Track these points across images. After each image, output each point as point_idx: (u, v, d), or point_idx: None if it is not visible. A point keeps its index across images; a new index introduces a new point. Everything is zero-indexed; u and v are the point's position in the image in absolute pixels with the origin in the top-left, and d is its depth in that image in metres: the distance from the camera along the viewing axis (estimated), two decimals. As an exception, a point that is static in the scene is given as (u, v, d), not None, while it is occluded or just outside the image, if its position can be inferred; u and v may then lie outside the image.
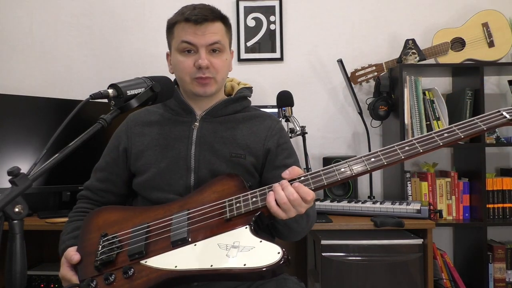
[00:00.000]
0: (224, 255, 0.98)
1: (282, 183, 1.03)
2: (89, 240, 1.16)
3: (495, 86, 2.54)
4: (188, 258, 1.02)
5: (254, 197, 1.06)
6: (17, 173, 0.81)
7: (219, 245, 1.01)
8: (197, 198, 1.15)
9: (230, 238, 1.02)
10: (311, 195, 1.02)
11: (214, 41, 1.24)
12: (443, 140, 1.00)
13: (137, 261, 1.05)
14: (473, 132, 1.00)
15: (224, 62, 1.28)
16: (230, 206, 1.07)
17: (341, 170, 1.04)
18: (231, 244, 1.00)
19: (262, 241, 0.99)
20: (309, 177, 1.04)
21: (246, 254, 0.97)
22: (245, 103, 1.37)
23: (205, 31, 1.22)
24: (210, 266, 0.98)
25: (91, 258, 1.11)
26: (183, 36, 1.23)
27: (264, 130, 1.31)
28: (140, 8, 2.57)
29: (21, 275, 0.81)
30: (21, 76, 2.57)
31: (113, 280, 1.04)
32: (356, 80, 2.42)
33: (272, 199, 1.02)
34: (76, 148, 0.92)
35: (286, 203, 1.01)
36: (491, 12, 2.37)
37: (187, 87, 1.28)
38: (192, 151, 1.26)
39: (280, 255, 0.94)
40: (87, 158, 1.78)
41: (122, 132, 1.35)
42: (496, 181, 2.27)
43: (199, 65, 1.23)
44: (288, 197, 1.01)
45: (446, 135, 1.01)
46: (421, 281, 1.80)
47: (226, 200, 1.09)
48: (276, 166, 1.29)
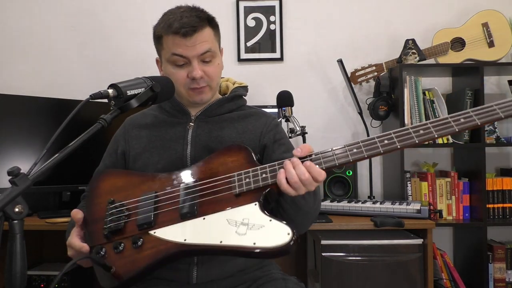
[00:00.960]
0: (234, 231, 0.98)
1: (293, 161, 1.01)
2: (96, 205, 1.16)
3: (495, 86, 2.54)
4: (197, 232, 1.02)
5: (264, 173, 1.04)
6: (17, 173, 0.81)
7: (228, 220, 1.00)
8: (205, 169, 1.13)
9: (239, 214, 1.01)
10: (322, 175, 1.00)
11: (205, 50, 1.23)
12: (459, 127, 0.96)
13: (146, 231, 1.06)
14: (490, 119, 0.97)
15: (217, 67, 1.28)
16: (239, 180, 1.06)
17: (353, 151, 1.01)
18: (240, 220, 0.99)
19: (272, 220, 0.98)
20: (321, 156, 1.02)
21: (256, 233, 0.96)
22: (240, 102, 1.37)
23: (195, 41, 1.21)
24: (220, 242, 0.98)
25: (99, 225, 1.12)
26: (173, 49, 1.22)
27: (259, 127, 1.31)
28: (140, 8, 2.57)
29: (21, 275, 0.81)
30: (21, 76, 2.57)
31: (122, 249, 1.05)
32: (356, 80, 2.42)
33: (282, 177, 1.00)
34: (76, 148, 0.92)
35: (297, 182, 0.99)
36: (491, 12, 2.37)
37: (183, 96, 1.29)
38: (188, 151, 1.26)
39: (290, 236, 0.93)
40: (87, 158, 1.78)
41: (120, 136, 1.36)
42: (496, 181, 2.27)
43: (193, 77, 1.22)
44: (299, 177, 0.99)
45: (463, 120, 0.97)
46: (421, 281, 1.80)
47: (235, 173, 1.07)
48: (274, 160, 1.28)
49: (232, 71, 2.48)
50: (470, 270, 2.30)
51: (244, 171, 1.06)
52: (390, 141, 0.99)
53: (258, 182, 1.04)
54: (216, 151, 1.15)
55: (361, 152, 1.00)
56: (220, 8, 2.52)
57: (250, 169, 1.06)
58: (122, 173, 1.23)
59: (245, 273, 1.25)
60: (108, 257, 1.06)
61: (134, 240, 1.05)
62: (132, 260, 1.04)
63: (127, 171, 1.26)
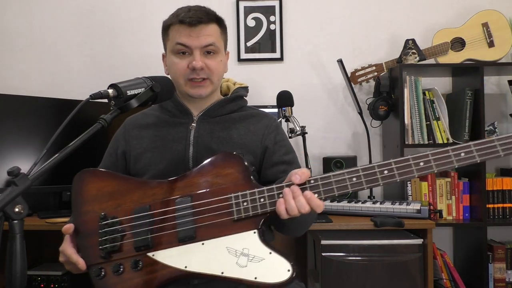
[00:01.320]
0: (234, 262, 0.99)
1: (294, 191, 0.99)
2: (85, 215, 1.13)
3: (495, 86, 2.54)
4: (198, 259, 1.02)
5: (262, 198, 1.03)
6: (17, 173, 0.81)
7: (228, 249, 1.01)
8: (199, 180, 1.10)
9: (239, 242, 1.01)
10: (321, 207, 0.99)
11: (209, 43, 1.24)
12: (459, 163, 0.95)
13: (144, 253, 1.06)
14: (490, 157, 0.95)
15: (218, 63, 1.28)
16: (237, 205, 1.04)
17: (353, 180, 0.99)
18: (240, 250, 1.00)
19: (272, 253, 0.99)
20: (320, 184, 1.00)
21: (257, 266, 0.98)
22: (241, 103, 1.37)
23: (199, 33, 1.22)
24: (221, 273, 0.99)
25: (92, 240, 1.10)
26: (178, 38, 1.24)
27: (261, 128, 1.31)
28: (140, 8, 2.57)
29: (21, 275, 0.81)
30: (21, 76, 2.57)
31: (122, 272, 1.05)
32: (356, 80, 2.42)
33: (282, 209, 0.99)
34: (76, 148, 0.92)
35: (296, 214, 0.99)
36: (491, 12, 2.37)
37: (181, 89, 1.29)
38: (190, 152, 1.26)
39: (290, 272, 0.96)
40: (87, 158, 1.78)
41: (120, 136, 1.36)
42: (496, 181, 2.27)
43: (193, 67, 1.23)
44: (299, 209, 0.98)
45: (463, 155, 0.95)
46: (421, 281, 1.80)
47: (232, 195, 1.05)
48: (274, 163, 1.29)
49: (232, 71, 2.46)
50: (470, 270, 2.30)
51: (241, 193, 1.04)
52: (390, 173, 0.98)
53: (257, 209, 1.02)
54: (210, 158, 1.12)
55: (361, 184, 0.99)
56: (220, 8, 2.47)
57: (248, 191, 1.04)
58: (108, 175, 1.18)
59: (245, 273, 1.25)
60: (109, 279, 1.07)
61: (134, 263, 1.05)
62: (135, 284, 1.04)
63: (112, 173, 1.21)
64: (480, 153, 0.94)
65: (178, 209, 1.07)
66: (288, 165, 1.29)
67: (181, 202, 1.08)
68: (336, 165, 2.25)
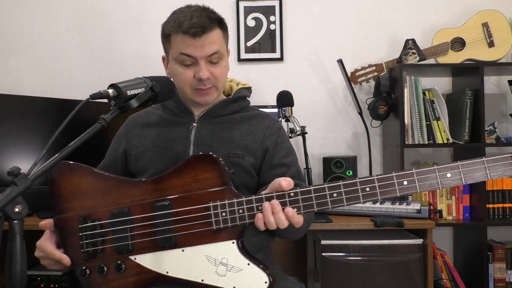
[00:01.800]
0: (214, 271, 1.02)
1: (274, 207, 0.98)
2: (65, 212, 1.13)
3: (495, 86, 2.54)
4: (178, 265, 1.05)
5: (240, 209, 1.02)
6: (17, 173, 0.81)
7: (208, 257, 1.03)
8: (177, 183, 1.07)
9: (218, 251, 1.03)
10: (301, 223, 1.00)
11: (213, 52, 1.22)
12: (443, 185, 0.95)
13: (126, 256, 1.08)
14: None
15: (223, 69, 1.27)
16: (216, 215, 1.03)
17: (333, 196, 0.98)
18: (219, 259, 1.03)
19: (250, 264, 1.01)
20: (300, 199, 0.99)
21: (235, 276, 1.01)
22: (243, 103, 1.36)
23: (204, 42, 1.20)
24: (201, 280, 1.02)
25: (74, 240, 1.10)
26: (182, 49, 1.21)
27: (262, 129, 1.31)
28: (140, 8, 2.57)
29: (21, 275, 0.81)
30: (21, 76, 2.57)
31: (106, 273, 1.08)
32: (356, 80, 2.42)
33: (261, 224, 1.00)
34: (76, 148, 0.92)
35: (273, 226, 1.00)
36: (491, 12, 2.37)
37: (187, 96, 1.28)
38: (191, 152, 1.26)
39: (267, 285, 0.98)
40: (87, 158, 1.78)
41: (122, 134, 1.36)
42: (496, 181, 2.26)
43: (199, 78, 1.22)
44: (277, 225, 0.99)
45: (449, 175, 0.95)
46: (421, 281, 1.80)
47: (211, 205, 1.04)
48: (274, 165, 1.28)
49: (232, 71, 2.45)
50: (470, 270, 2.30)
51: (220, 203, 1.03)
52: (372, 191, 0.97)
53: (235, 220, 1.02)
54: (188, 159, 1.09)
55: (341, 201, 0.98)
56: (220, 8, 2.47)
57: (226, 201, 1.03)
58: (86, 171, 1.15)
59: (245, 273, 1.25)
60: (93, 279, 1.09)
61: (117, 266, 1.07)
62: (120, 286, 1.07)
63: (90, 169, 1.16)
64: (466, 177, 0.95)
65: (157, 215, 1.07)
66: (287, 167, 1.28)
67: (160, 208, 1.07)
68: (336, 165, 2.25)
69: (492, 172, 0.93)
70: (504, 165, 0.93)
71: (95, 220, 1.10)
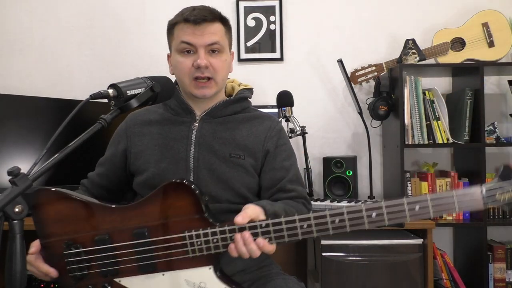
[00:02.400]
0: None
1: (245, 238, 1.01)
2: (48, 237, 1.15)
3: (495, 86, 2.54)
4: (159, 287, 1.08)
5: (214, 238, 1.05)
6: (17, 173, 0.81)
7: (187, 281, 1.07)
8: (154, 210, 1.10)
9: (196, 276, 1.07)
10: (273, 251, 1.04)
11: (213, 41, 1.24)
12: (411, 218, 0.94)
13: (111, 278, 1.11)
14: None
15: (223, 62, 1.28)
16: (191, 244, 1.06)
17: (304, 227, 1.00)
18: (198, 284, 1.06)
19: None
20: (271, 230, 1.02)
21: None
22: (245, 104, 1.37)
23: (204, 31, 1.23)
24: None
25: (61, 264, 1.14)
26: (182, 37, 1.24)
27: (263, 131, 1.31)
28: (140, 8, 2.57)
29: (21, 275, 0.81)
30: (21, 76, 2.57)
31: None
32: (356, 80, 2.42)
33: (234, 254, 1.03)
34: (76, 148, 0.92)
35: (247, 257, 1.03)
36: (491, 12, 2.37)
37: (186, 89, 1.28)
38: (192, 152, 1.26)
39: None
40: (87, 158, 1.78)
41: (122, 131, 1.36)
42: (496, 181, 2.26)
43: (197, 65, 1.23)
44: (250, 254, 1.03)
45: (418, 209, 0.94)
46: (421, 281, 1.80)
47: (186, 234, 1.06)
48: (274, 168, 1.29)
49: (233, 71, 2.47)
50: (470, 270, 2.30)
51: (195, 233, 1.06)
52: (341, 224, 0.98)
53: (210, 249, 1.06)
54: (163, 185, 1.10)
55: (311, 232, 1.00)
56: (220, 8, 2.47)
57: (201, 231, 1.06)
58: (63, 197, 1.16)
59: (245, 273, 1.25)
60: None
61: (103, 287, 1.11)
62: None
63: (67, 195, 1.17)
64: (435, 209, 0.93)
65: (136, 244, 1.09)
66: (286, 170, 1.29)
67: (139, 235, 1.09)
68: (336, 165, 2.25)
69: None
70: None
71: (79, 247, 1.12)
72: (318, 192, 2.41)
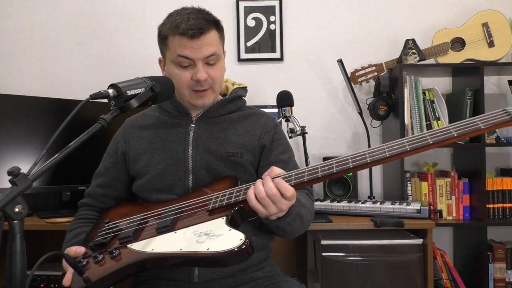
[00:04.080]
0: (195, 241, 1.02)
1: (264, 178, 1.03)
2: (96, 229, 1.25)
3: (495, 86, 2.54)
4: (165, 243, 1.07)
5: (238, 191, 1.08)
6: (17, 173, 0.81)
7: (194, 232, 1.05)
8: (194, 195, 1.19)
9: (206, 227, 1.05)
10: (290, 191, 1.00)
11: (211, 53, 1.23)
12: (434, 139, 0.93)
13: (125, 244, 1.11)
14: (470, 130, 0.94)
15: (220, 70, 1.28)
16: (215, 199, 1.10)
17: (325, 167, 1.01)
18: (204, 231, 1.03)
19: (231, 230, 1.00)
20: (293, 175, 1.03)
21: (213, 240, 0.99)
22: (239, 103, 1.37)
23: (201, 44, 1.21)
24: (179, 249, 1.02)
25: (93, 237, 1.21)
26: (179, 51, 1.21)
27: (259, 127, 1.32)
28: (140, 8, 2.57)
29: (21, 275, 0.81)
30: (21, 76, 2.57)
31: (100, 259, 1.10)
32: (356, 80, 2.42)
33: (251, 193, 1.02)
34: (76, 148, 0.92)
35: (264, 198, 1.00)
36: (491, 12, 2.37)
37: (185, 99, 1.29)
38: (189, 153, 1.26)
39: (241, 241, 0.95)
40: (87, 158, 1.78)
41: (120, 137, 1.36)
42: (496, 181, 2.27)
43: (197, 79, 1.22)
44: (266, 192, 1.00)
45: (440, 134, 0.94)
46: (421, 281, 1.80)
47: (214, 194, 1.12)
48: (271, 162, 1.29)
49: (232, 71, 2.48)
50: (470, 270, 2.30)
51: (223, 191, 1.10)
52: (361, 157, 0.98)
53: (230, 199, 1.07)
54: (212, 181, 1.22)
55: (331, 168, 0.99)
56: (220, 8, 2.52)
57: (228, 189, 1.10)
58: (128, 203, 1.33)
59: (246, 273, 1.25)
60: (88, 267, 1.11)
61: (111, 251, 1.10)
62: (103, 267, 1.09)
63: (133, 202, 1.34)
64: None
65: (165, 210, 1.17)
66: (284, 164, 1.29)
67: (171, 207, 1.18)
68: (336, 165, 2.25)
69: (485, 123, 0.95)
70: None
71: (116, 222, 1.22)
72: (318, 192, 2.41)
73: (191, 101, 1.28)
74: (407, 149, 0.94)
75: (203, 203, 1.12)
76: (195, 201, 1.14)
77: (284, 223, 1.09)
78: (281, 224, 1.10)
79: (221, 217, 1.05)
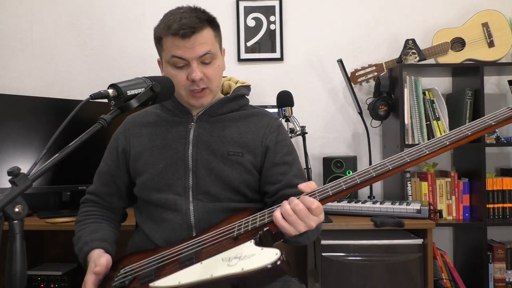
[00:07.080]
0: (226, 265, 0.98)
1: (290, 199, 1.01)
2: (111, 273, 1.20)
3: (495, 86, 2.54)
4: (193, 273, 1.02)
5: (262, 216, 1.05)
6: (17, 173, 0.81)
7: (223, 259, 1.01)
8: (211, 229, 1.15)
9: (234, 252, 1.01)
10: (315, 203, 0.98)
11: (205, 52, 1.21)
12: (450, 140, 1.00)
13: (147, 284, 1.06)
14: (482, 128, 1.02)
15: (216, 69, 1.26)
16: (239, 226, 1.07)
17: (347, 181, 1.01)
18: (233, 256, 1.00)
19: (264, 249, 0.97)
20: (316, 192, 1.02)
21: (246, 261, 0.96)
22: (242, 102, 1.36)
23: (194, 43, 1.19)
24: (211, 276, 0.98)
25: (109, 283, 1.15)
26: (173, 51, 1.20)
27: (262, 127, 1.30)
28: (140, 8, 2.57)
29: (21, 275, 0.81)
30: (21, 76, 2.57)
31: None
32: (356, 80, 2.42)
33: (278, 213, 1.00)
34: (76, 148, 0.92)
35: (291, 215, 0.98)
36: (491, 12, 2.37)
37: (183, 99, 1.28)
38: (190, 151, 1.26)
39: (277, 256, 0.93)
40: (87, 158, 1.78)
41: (120, 134, 1.35)
42: (496, 181, 2.26)
43: (192, 79, 1.21)
44: (293, 209, 0.98)
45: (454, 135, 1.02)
46: (421, 281, 1.80)
47: (236, 222, 1.09)
48: (276, 163, 1.28)
49: (232, 71, 2.47)
50: (470, 270, 2.30)
51: (245, 219, 1.08)
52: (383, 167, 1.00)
53: (256, 223, 1.04)
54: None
55: (354, 179, 1.01)
56: (220, 8, 2.52)
57: (251, 216, 1.08)
58: (141, 251, 1.25)
59: (246, 274, 1.24)
60: None
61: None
62: None
63: (146, 249, 1.25)
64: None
65: (185, 246, 1.12)
66: (289, 166, 1.28)
67: (190, 241, 1.14)
68: (336, 165, 2.25)
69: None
70: None
71: (132, 266, 1.16)
72: (318, 192, 2.41)
73: (189, 102, 1.26)
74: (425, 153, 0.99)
75: (225, 233, 1.09)
76: (215, 233, 1.11)
77: (303, 237, 1.08)
78: (301, 239, 1.10)
79: (249, 241, 1.02)
